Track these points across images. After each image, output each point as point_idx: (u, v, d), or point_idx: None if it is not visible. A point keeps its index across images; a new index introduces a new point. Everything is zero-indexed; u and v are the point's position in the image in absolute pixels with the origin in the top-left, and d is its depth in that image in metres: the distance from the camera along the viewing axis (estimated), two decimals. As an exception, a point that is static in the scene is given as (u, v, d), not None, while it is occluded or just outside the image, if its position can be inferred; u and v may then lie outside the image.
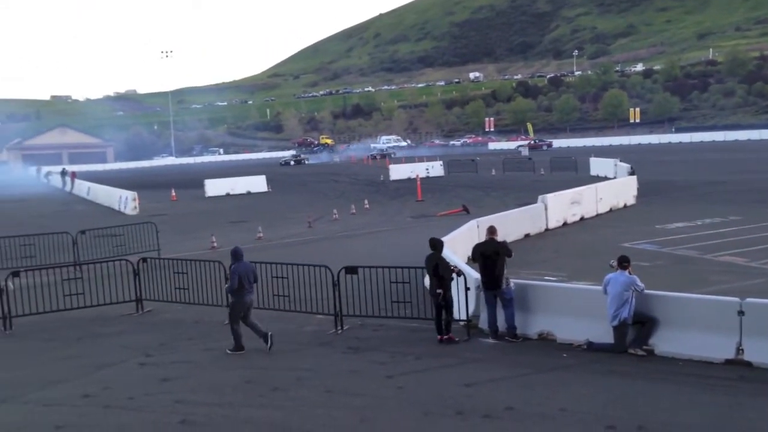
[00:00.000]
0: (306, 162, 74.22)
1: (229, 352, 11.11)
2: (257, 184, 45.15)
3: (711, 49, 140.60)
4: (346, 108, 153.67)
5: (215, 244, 21.71)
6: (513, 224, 20.30)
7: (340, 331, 12.03)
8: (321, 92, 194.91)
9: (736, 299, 9.61)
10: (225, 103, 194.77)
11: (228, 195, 42.47)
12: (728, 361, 9.38)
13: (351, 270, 12.22)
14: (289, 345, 11.46)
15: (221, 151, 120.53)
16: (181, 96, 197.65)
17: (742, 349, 9.37)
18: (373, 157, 78.35)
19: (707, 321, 9.72)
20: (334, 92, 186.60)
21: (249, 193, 42.96)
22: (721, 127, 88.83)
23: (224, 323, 12.49)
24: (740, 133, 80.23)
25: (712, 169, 42.09)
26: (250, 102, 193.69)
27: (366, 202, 32.24)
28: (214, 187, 43.71)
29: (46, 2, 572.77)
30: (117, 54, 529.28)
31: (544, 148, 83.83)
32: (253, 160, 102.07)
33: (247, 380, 9.75)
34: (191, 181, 52.51)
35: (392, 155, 77.85)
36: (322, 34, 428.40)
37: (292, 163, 74.08)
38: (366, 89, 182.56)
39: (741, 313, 9.37)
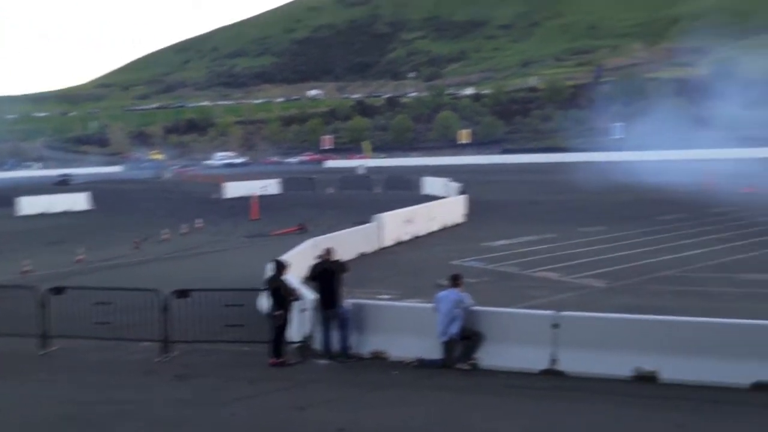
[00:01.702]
0: (72, 182, 68.39)
1: None
2: (78, 201, 42.22)
3: (534, 77, 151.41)
4: (179, 122, 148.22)
5: (28, 268, 19.93)
6: (348, 243, 20.47)
7: (167, 359, 11.46)
8: (153, 105, 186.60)
9: (550, 312, 10.34)
10: (45, 114, 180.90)
11: (43, 214, 39.22)
12: (543, 372, 10.02)
13: (182, 293, 11.70)
14: (108, 377, 10.73)
15: (40, 165, 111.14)
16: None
17: (556, 360, 10.07)
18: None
19: (524, 334, 10.33)
20: (167, 106, 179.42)
21: (68, 212, 39.96)
22: (542, 150, 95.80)
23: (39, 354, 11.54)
24: (559, 155, 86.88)
25: (533, 190, 45.13)
26: (74, 113, 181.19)
27: (198, 220, 31.17)
28: (29, 205, 40.39)
29: None
30: None
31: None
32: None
33: (61, 416, 8.98)
34: None
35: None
36: (157, 45, 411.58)
37: (69, 183, 68.30)
38: (202, 104, 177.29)
39: (555, 325, 10.09)
